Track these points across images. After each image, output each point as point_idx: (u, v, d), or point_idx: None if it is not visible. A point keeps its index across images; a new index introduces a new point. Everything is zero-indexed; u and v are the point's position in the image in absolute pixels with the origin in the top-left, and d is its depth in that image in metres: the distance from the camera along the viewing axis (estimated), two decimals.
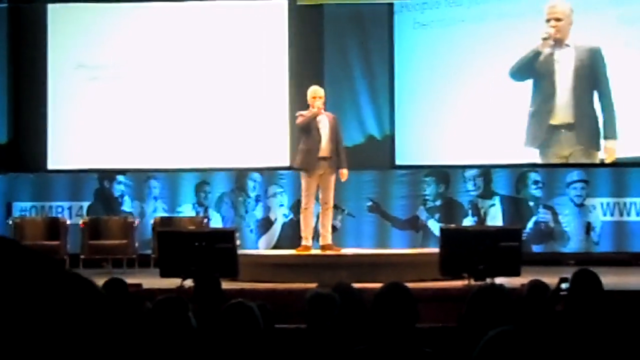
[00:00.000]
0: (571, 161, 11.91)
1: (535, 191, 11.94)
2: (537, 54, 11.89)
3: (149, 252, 11.27)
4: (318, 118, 9.53)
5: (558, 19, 11.91)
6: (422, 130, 12.03)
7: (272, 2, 12.36)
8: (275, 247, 11.86)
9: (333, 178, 9.63)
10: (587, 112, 11.80)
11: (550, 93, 11.89)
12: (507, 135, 11.93)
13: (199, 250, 8.53)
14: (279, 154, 12.16)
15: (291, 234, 12.00)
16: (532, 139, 11.90)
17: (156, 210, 12.12)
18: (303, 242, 9.70)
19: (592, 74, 11.82)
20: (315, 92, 9.68)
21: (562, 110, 11.85)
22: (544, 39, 11.84)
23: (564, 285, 5.31)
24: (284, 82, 12.24)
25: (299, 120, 9.62)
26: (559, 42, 11.90)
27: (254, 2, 12.35)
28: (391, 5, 12.17)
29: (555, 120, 11.85)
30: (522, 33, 11.92)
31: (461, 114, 12.00)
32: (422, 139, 12.06)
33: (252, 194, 12.14)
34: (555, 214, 11.86)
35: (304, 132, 9.58)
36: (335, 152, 9.54)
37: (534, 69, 11.91)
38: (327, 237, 9.77)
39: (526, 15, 11.99)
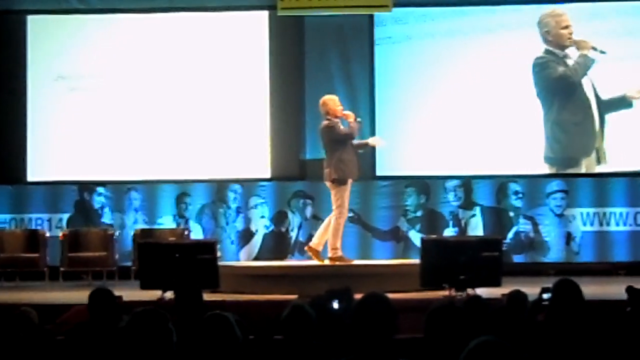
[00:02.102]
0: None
1: (515, 201, 11.98)
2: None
3: (129, 264, 11.23)
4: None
5: (567, 26, 11.99)
6: (402, 141, 12.04)
7: (252, 13, 12.35)
8: (256, 258, 11.84)
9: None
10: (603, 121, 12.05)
11: (591, 101, 12.00)
12: (487, 146, 11.97)
13: (179, 262, 8.50)
14: (260, 165, 12.15)
15: (272, 246, 11.99)
16: (583, 150, 11.98)
17: (136, 222, 12.07)
18: (339, 253, 9.55)
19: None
20: (339, 100, 9.70)
21: (597, 120, 11.99)
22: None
23: (545, 295, 5.32)
24: (264, 93, 12.23)
25: (352, 130, 9.52)
26: (569, 51, 12.06)
27: (234, 13, 12.34)
28: (372, 17, 12.19)
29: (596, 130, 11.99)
30: (502, 46, 12.00)
31: (442, 125, 12.04)
32: (402, 150, 12.07)
33: (233, 206, 12.12)
34: (535, 224, 11.90)
35: (342, 143, 9.52)
36: None
37: (566, 81, 12.02)
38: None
39: (505, 28, 12.05)
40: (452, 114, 12.04)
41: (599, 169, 11.94)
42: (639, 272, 10.90)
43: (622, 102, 11.89)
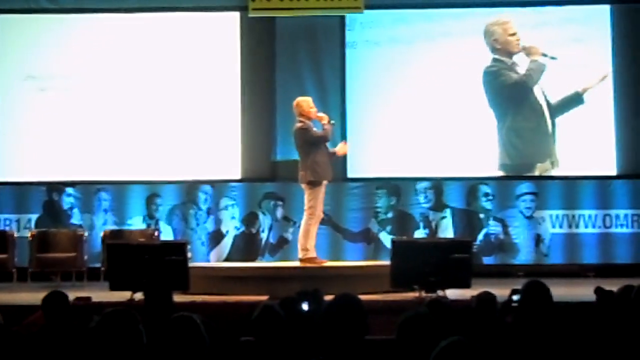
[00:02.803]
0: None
1: (485, 203, 12.04)
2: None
3: (98, 265, 11.17)
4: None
5: (514, 33, 12.12)
6: (373, 143, 12.07)
7: (224, 14, 12.33)
8: (226, 259, 11.82)
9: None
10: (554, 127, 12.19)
11: (544, 107, 12.11)
12: (458, 148, 12.03)
13: (149, 263, 8.45)
14: (231, 166, 12.12)
15: (243, 246, 11.97)
16: (538, 156, 12.10)
17: (106, 222, 12.00)
18: (309, 255, 9.55)
19: None
20: (312, 102, 9.72)
21: (549, 125, 12.11)
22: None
23: (515, 297, 5.34)
24: (236, 94, 12.21)
25: (325, 132, 9.53)
26: (518, 57, 12.20)
27: (205, 14, 12.31)
28: (343, 19, 12.20)
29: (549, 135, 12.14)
30: (471, 51, 12.08)
31: (412, 127, 12.08)
32: (373, 151, 12.10)
33: (204, 207, 12.08)
34: (505, 226, 11.97)
35: (316, 145, 9.54)
36: None
37: (520, 87, 12.14)
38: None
39: (475, 34, 12.11)
40: (422, 116, 12.09)
41: (553, 174, 12.06)
42: (607, 274, 10.99)
43: (574, 100, 11.99)
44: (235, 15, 12.25)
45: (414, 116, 12.10)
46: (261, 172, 12.23)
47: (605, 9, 12.21)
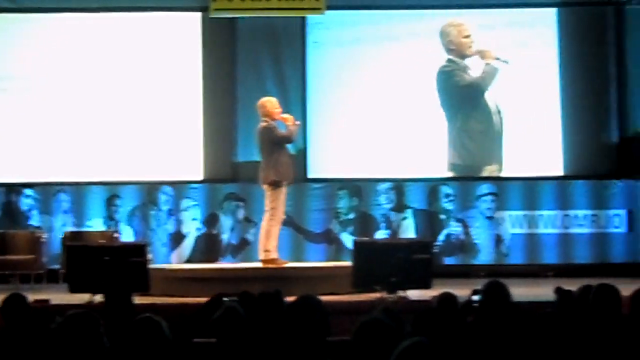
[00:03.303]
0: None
1: (446, 204, 12.09)
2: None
3: (57, 267, 11.06)
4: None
5: (468, 35, 12.21)
6: (335, 144, 12.09)
7: (185, 14, 12.27)
8: (187, 261, 11.76)
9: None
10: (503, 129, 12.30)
11: (493, 110, 12.18)
12: (419, 149, 12.07)
13: (109, 265, 8.40)
14: (192, 167, 12.07)
15: (204, 248, 11.93)
16: (489, 157, 12.17)
17: (65, 224, 11.89)
18: (270, 256, 9.55)
19: None
20: (278, 103, 9.70)
21: (499, 127, 12.21)
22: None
23: (475, 297, 5.37)
24: (197, 95, 12.16)
25: (290, 133, 9.53)
26: (471, 60, 12.27)
27: (166, 14, 12.24)
28: (304, 20, 12.20)
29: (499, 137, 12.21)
30: (430, 52, 12.16)
31: (373, 127, 12.12)
32: (335, 152, 12.11)
33: (164, 208, 12.01)
34: (466, 227, 12.03)
35: (279, 145, 9.54)
36: None
37: (474, 89, 12.21)
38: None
39: (432, 35, 12.20)
40: (383, 116, 12.12)
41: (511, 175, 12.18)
42: (567, 274, 11.08)
43: (494, 70, 12.08)
44: (197, 16, 12.20)
45: (375, 116, 12.13)
46: (222, 173, 12.19)
47: (552, 11, 12.33)
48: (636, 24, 12.14)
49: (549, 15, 12.34)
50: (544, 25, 12.29)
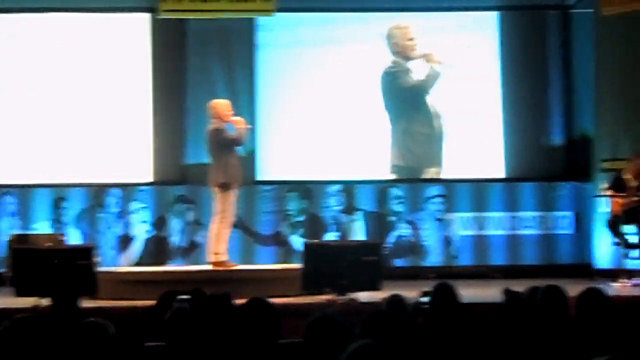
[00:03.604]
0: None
1: (396, 206, 12.14)
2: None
3: (3, 270, 10.90)
4: None
5: (412, 38, 12.28)
6: (284, 146, 12.08)
7: (133, 15, 12.19)
8: (136, 264, 11.67)
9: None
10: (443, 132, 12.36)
11: (436, 113, 12.24)
12: (370, 152, 12.12)
13: (56, 268, 8.31)
14: (141, 169, 11.99)
15: (153, 250, 11.85)
16: (432, 160, 12.23)
17: (11, 227, 11.73)
18: (221, 258, 9.54)
19: None
20: (230, 105, 9.67)
21: (440, 130, 12.28)
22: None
23: (424, 299, 5.39)
24: (146, 96, 12.08)
25: (240, 135, 9.52)
26: (415, 62, 12.33)
27: (115, 15, 12.15)
28: (254, 22, 12.18)
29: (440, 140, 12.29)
30: (378, 54, 12.21)
31: (323, 129, 12.14)
32: (284, 154, 12.10)
33: (113, 210, 11.91)
34: (415, 229, 12.09)
35: (230, 148, 9.52)
36: None
37: (417, 91, 12.26)
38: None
39: (380, 37, 12.24)
40: (332, 118, 12.16)
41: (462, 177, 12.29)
42: (515, 275, 11.18)
43: (436, 74, 12.18)
44: (146, 17, 12.12)
45: (324, 119, 12.16)
46: (172, 175, 12.12)
47: (494, 15, 12.45)
48: (581, 28, 12.30)
49: (491, 19, 12.46)
50: (487, 29, 12.41)
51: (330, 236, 11.93)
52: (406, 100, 12.28)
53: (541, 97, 12.45)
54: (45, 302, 8.07)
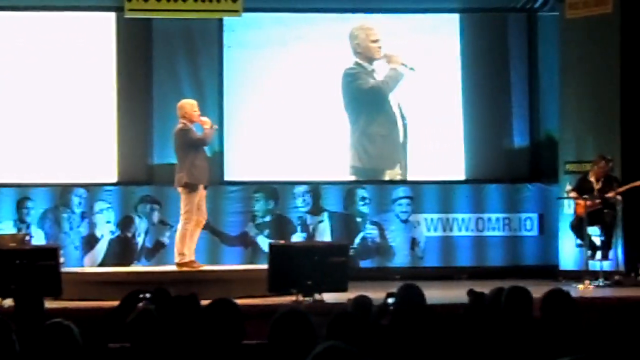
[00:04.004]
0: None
1: (362, 207, 12.16)
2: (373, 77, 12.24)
3: None
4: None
5: (377, 40, 12.29)
6: (251, 147, 12.06)
7: (99, 14, 12.10)
8: (101, 264, 11.59)
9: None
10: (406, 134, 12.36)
11: (397, 115, 12.24)
12: (336, 153, 12.13)
13: (20, 269, 8.26)
14: (106, 169, 11.91)
15: (118, 251, 11.77)
16: (389, 162, 12.22)
17: None
18: (188, 259, 9.52)
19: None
20: (197, 105, 9.67)
21: (401, 133, 12.27)
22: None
23: (390, 300, 5.40)
24: (111, 96, 12.00)
25: (205, 136, 9.52)
26: (378, 64, 12.32)
27: (80, 14, 12.06)
28: (221, 22, 12.14)
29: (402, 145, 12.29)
30: (343, 55, 12.22)
31: (290, 130, 12.13)
32: (251, 155, 12.08)
33: (77, 210, 11.81)
34: (382, 230, 12.11)
35: (196, 148, 9.51)
36: None
37: (376, 93, 12.23)
38: (192, 254, 9.67)
39: (346, 37, 12.25)
40: (300, 119, 12.15)
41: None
42: (480, 276, 11.23)
43: (398, 76, 12.23)
44: (111, 16, 12.03)
45: (291, 119, 12.15)
46: (137, 175, 12.06)
47: (454, 17, 12.52)
48: (546, 31, 12.38)
49: (452, 22, 12.50)
50: (447, 31, 12.45)
51: (297, 237, 11.92)
52: (365, 101, 12.29)
53: (504, 100, 12.51)
54: (8, 302, 8.00)
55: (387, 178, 12.32)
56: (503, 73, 12.53)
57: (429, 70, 12.26)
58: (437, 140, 12.29)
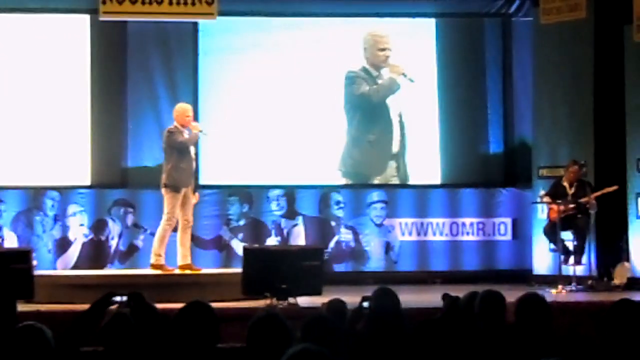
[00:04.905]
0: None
1: (337, 211, 12.16)
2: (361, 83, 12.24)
3: None
4: None
5: (384, 49, 12.28)
6: (226, 150, 12.03)
7: (73, 16, 12.04)
8: (74, 267, 11.53)
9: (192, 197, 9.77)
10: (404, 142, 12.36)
11: (389, 124, 12.20)
12: (311, 157, 12.13)
13: None
14: (80, 171, 11.85)
15: (91, 254, 11.71)
16: (375, 168, 12.24)
17: None
18: (161, 261, 9.58)
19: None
20: (190, 110, 9.83)
21: (396, 140, 12.26)
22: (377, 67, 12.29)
23: (365, 304, 5.41)
24: (85, 99, 11.94)
25: (185, 139, 9.61)
26: (384, 72, 12.33)
27: (54, 16, 11.99)
28: (196, 26, 12.12)
29: (392, 151, 12.27)
30: (319, 59, 12.21)
31: (264, 134, 12.12)
32: (226, 159, 12.05)
33: (50, 213, 11.74)
34: (356, 234, 12.12)
35: (180, 151, 9.59)
36: None
37: (367, 99, 12.22)
38: (187, 257, 9.77)
39: (335, 42, 12.29)
40: (274, 123, 12.14)
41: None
42: (454, 280, 11.25)
43: (393, 85, 12.25)
44: (85, 18, 11.98)
45: (266, 123, 12.14)
46: (111, 178, 12.01)
47: (431, 22, 12.55)
48: (521, 36, 12.44)
49: (428, 26, 12.53)
50: (423, 36, 12.48)
51: (272, 241, 11.91)
52: (357, 105, 12.30)
53: (479, 105, 12.56)
54: None
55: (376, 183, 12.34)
56: (479, 78, 12.58)
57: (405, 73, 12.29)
58: (413, 144, 12.32)
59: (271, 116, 12.15)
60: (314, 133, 12.18)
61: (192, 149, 9.79)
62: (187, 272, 9.70)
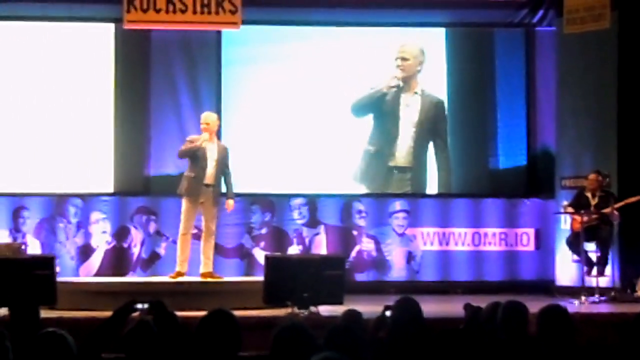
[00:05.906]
0: None
1: (359, 220, 12.15)
2: (383, 94, 12.23)
3: None
4: (207, 146, 9.74)
5: (405, 59, 12.26)
6: (249, 158, 12.04)
7: (98, 25, 12.10)
8: (96, 274, 11.57)
9: (216, 207, 9.86)
10: (421, 159, 12.27)
11: (394, 136, 12.20)
12: (333, 166, 12.13)
13: (15, 278, 8.25)
14: (103, 179, 11.91)
15: (113, 261, 11.75)
16: (371, 179, 12.18)
17: None
18: (177, 269, 9.75)
19: (432, 125, 12.29)
20: (205, 118, 9.98)
21: (402, 154, 12.21)
22: (394, 78, 12.24)
23: (387, 313, 5.40)
24: (109, 107, 12.00)
25: (180, 150, 9.84)
26: (407, 85, 12.28)
27: (79, 25, 12.05)
28: (220, 35, 12.15)
29: (394, 163, 12.20)
30: (352, 71, 12.24)
31: (287, 143, 12.13)
32: (248, 167, 12.07)
33: (73, 220, 11.80)
34: (378, 243, 12.10)
35: (191, 159, 9.76)
36: (219, 182, 9.79)
37: (378, 109, 12.25)
38: (209, 265, 9.87)
39: (359, 53, 12.29)
40: (297, 132, 12.15)
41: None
42: (475, 291, 11.23)
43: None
44: (110, 27, 12.04)
45: (288, 132, 12.15)
46: (134, 186, 12.05)
47: (441, 32, 12.52)
48: (545, 46, 12.40)
49: (438, 36, 12.49)
50: (434, 44, 12.44)
51: (293, 249, 11.91)
52: (378, 118, 12.30)
53: (490, 117, 12.47)
54: (4, 311, 7.98)
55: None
56: (492, 88, 12.49)
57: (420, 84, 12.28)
58: (430, 154, 12.29)
59: (294, 125, 12.16)
60: (336, 142, 12.17)
61: (209, 158, 9.77)
62: (209, 280, 9.72)
